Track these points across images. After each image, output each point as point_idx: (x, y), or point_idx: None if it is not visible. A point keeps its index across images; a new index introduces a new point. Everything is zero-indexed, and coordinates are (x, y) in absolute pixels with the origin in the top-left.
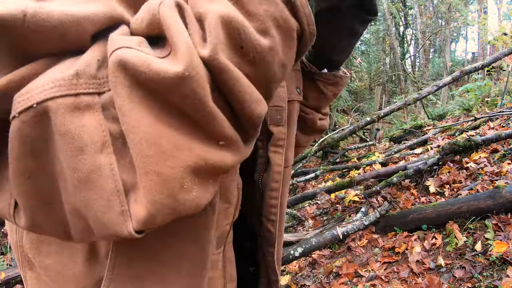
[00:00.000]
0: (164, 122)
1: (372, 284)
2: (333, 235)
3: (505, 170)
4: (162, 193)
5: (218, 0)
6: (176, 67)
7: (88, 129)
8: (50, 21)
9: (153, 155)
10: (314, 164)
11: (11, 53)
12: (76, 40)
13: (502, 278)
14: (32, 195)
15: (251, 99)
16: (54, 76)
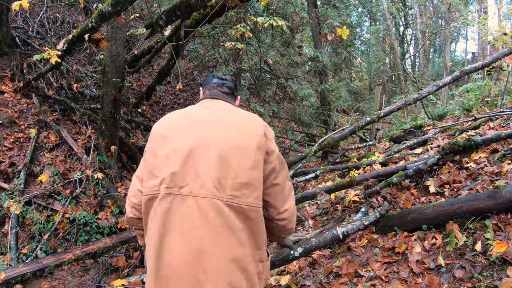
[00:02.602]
0: None
1: (372, 284)
2: (333, 235)
3: (505, 170)
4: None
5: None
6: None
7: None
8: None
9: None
10: (314, 164)
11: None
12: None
13: (502, 278)
14: None
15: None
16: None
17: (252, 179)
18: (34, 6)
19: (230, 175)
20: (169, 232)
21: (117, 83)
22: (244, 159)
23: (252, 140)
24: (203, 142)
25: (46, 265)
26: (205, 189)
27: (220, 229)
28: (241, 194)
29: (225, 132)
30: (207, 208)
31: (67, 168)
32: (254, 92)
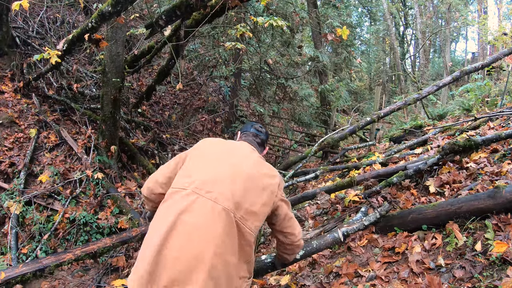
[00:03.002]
0: None
1: (372, 284)
2: (334, 237)
3: (505, 170)
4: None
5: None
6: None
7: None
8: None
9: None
10: (314, 164)
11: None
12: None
13: (502, 278)
14: None
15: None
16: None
17: (260, 212)
18: (34, 6)
19: (247, 202)
20: (182, 224)
21: (117, 83)
22: (259, 196)
23: (269, 185)
24: (235, 168)
25: (46, 265)
26: (227, 202)
27: (224, 236)
28: (249, 218)
29: (252, 169)
30: (222, 216)
31: (67, 168)
32: (254, 92)
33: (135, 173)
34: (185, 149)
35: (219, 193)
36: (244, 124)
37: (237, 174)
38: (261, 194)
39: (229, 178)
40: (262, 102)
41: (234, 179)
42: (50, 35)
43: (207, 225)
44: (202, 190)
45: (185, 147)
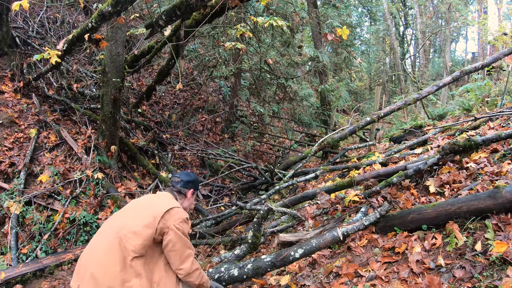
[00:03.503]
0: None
1: (372, 284)
2: (334, 236)
3: (505, 170)
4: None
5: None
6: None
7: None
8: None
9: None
10: (314, 164)
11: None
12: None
13: (502, 278)
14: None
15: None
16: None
17: (142, 232)
18: (34, 6)
19: (131, 224)
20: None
21: (117, 83)
22: (143, 219)
23: (156, 212)
24: (136, 206)
25: (46, 265)
26: (118, 225)
27: (107, 250)
28: (131, 237)
29: (147, 203)
30: (110, 234)
31: (67, 168)
32: (254, 92)
33: (135, 173)
34: (185, 149)
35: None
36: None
37: (133, 209)
38: (145, 218)
39: (128, 213)
40: (262, 102)
41: (129, 213)
42: (50, 35)
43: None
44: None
45: (185, 147)
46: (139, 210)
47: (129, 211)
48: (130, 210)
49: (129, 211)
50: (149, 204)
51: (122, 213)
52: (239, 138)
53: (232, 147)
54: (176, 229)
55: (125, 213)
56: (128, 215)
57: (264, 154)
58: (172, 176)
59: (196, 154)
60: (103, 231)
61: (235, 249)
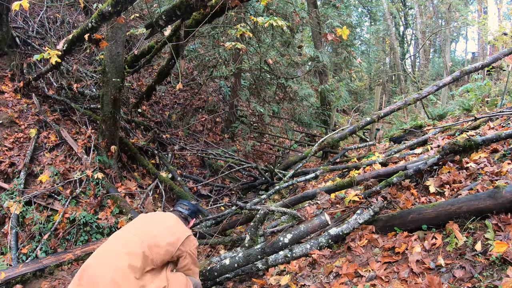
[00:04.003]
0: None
1: (372, 284)
2: (321, 220)
3: (505, 170)
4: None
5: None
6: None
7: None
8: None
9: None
10: (314, 164)
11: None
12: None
13: (502, 278)
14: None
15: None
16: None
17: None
18: (34, 6)
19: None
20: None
21: (117, 83)
22: (167, 237)
23: (177, 234)
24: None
25: (46, 265)
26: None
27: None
28: (154, 249)
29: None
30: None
31: (67, 168)
32: (254, 92)
33: (135, 173)
34: (185, 149)
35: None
36: (178, 201)
37: (151, 224)
38: (169, 237)
39: (147, 226)
40: (262, 102)
41: (150, 227)
42: (50, 35)
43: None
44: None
45: (185, 147)
46: (159, 227)
47: (147, 225)
48: (149, 223)
49: (148, 225)
50: (168, 223)
51: (140, 225)
52: (239, 138)
53: (232, 147)
54: (192, 254)
55: (144, 226)
56: (149, 229)
57: (264, 154)
58: (179, 202)
59: (196, 154)
60: (119, 239)
61: (233, 252)
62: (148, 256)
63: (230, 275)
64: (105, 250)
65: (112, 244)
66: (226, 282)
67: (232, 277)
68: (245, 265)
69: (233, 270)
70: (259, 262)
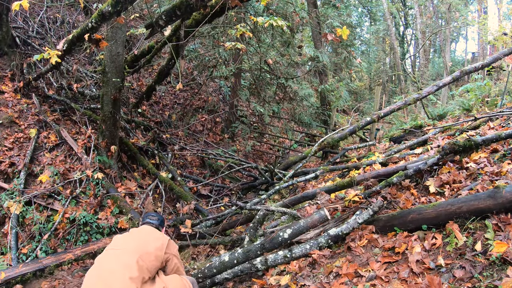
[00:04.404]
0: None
1: (372, 284)
2: (321, 215)
3: (505, 170)
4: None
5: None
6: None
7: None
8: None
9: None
10: (314, 164)
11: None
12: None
13: (502, 278)
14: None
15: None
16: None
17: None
18: (34, 6)
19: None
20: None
21: (117, 83)
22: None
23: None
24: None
25: (46, 265)
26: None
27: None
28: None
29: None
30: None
31: (67, 168)
32: (254, 92)
33: (135, 173)
34: (185, 149)
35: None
36: (145, 215)
37: (136, 237)
38: (155, 242)
39: (133, 239)
40: (262, 102)
41: (135, 240)
42: (50, 35)
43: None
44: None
45: (185, 147)
46: (143, 238)
47: (130, 239)
48: (131, 238)
49: (131, 239)
50: (148, 233)
51: (123, 241)
52: (239, 138)
53: (232, 147)
54: (177, 255)
55: (127, 241)
56: (134, 241)
57: (264, 154)
58: (146, 215)
59: (196, 154)
60: (109, 258)
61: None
62: (143, 265)
63: (229, 275)
64: (99, 272)
65: (104, 265)
66: (226, 282)
67: (231, 278)
68: (245, 262)
69: (232, 267)
70: (258, 262)
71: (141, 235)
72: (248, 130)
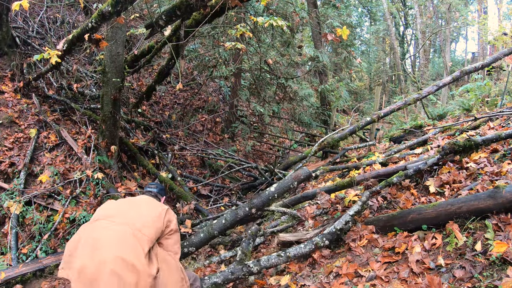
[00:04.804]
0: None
1: (372, 284)
2: (304, 170)
3: (505, 170)
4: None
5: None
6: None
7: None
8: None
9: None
10: (314, 164)
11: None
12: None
13: (502, 278)
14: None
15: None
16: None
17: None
18: (34, 6)
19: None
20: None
21: (117, 83)
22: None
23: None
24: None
25: (46, 265)
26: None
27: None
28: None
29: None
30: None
31: (67, 168)
32: (254, 92)
33: (135, 173)
34: (185, 149)
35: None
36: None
37: (131, 206)
38: (153, 211)
39: (128, 208)
40: (262, 102)
41: (130, 209)
42: (50, 35)
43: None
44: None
45: (185, 147)
46: (140, 209)
47: (126, 209)
48: (127, 208)
49: (127, 209)
50: (146, 202)
51: (120, 209)
52: (239, 138)
53: (232, 147)
54: (177, 226)
55: (124, 211)
56: (131, 213)
57: (264, 154)
58: (147, 185)
59: (196, 154)
60: (105, 231)
61: (232, 251)
62: (141, 237)
63: (219, 280)
64: (90, 240)
65: (98, 237)
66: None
67: (221, 282)
68: (233, 220)
69: (221, 228)
70: (251, 263)
71: (139, 205)
72: (248, 130)
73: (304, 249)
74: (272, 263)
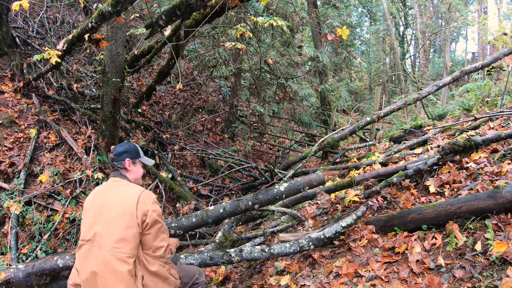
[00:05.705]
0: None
1: (372, 284)
2: (318, 176)
3: (505, 170)
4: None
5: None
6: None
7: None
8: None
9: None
10: (314, 164)
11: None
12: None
13: (502, 278)
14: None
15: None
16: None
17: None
18: (34, 6)
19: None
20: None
21: (117, 83)
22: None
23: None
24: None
25: None
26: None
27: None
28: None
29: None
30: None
31: (67, 168)
32: (254, 92)
33: None
34: (185, 149)
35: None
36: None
37: (102, 213)
38: (123, 219)
39: (99, 219)
40: (262, 102)
41: (102, 220)
42: (50, 35)
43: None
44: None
45: (185, 147)
46: (110, 212)
47: (98, 216)
48: (99, 214)
49: (99, 216)
50: (113, 201)
51: (93, 221)
52: (239, 138)
53: (232, 147)
54: (159, 214)
55: (95, 221)
56: (103, 222)
57: (264, 154)
58: (113, 154)
59: (196, 154)
60: (87, 251)
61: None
62: (118, 256)
63: (196, 262)
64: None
65: (84, 259)
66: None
67: (198, 265)
68: (232, 211)
69: (217, 217)
70: (233, 252)
71: (109, 204)
72: (248, 130)
73: (289, 249)
74: (254, 256)
